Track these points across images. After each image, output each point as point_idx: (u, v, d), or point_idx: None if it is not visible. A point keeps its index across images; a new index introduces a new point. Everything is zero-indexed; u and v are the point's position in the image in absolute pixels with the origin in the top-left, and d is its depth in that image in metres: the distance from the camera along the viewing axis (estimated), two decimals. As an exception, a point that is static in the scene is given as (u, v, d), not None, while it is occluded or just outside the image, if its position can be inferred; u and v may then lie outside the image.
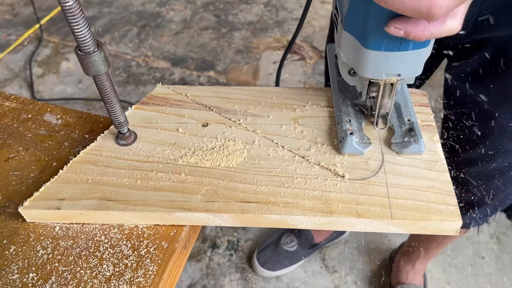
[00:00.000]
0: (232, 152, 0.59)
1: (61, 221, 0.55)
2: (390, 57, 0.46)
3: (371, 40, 0.45)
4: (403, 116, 0.59)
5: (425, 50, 0.46)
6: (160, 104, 0.66)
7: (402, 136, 0.57)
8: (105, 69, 0.51)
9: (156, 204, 0.53)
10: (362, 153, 0.57)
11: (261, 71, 2.22)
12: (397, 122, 0.59)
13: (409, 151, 0.56)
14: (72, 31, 0.46)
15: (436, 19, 0.37)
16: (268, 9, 2.65)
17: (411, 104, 0.61)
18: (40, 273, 0.50)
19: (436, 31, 0.40)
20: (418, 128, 0.57)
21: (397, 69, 0.48)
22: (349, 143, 0.56)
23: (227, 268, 1.55)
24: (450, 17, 0.39)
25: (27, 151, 0.63)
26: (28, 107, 0.69)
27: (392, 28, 0.41)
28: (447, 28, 0.40)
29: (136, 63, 2.30)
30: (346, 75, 0.57)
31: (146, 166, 0.58)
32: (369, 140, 0.58)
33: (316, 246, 1.53)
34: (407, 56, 0.46)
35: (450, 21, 0.40)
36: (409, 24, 0.40)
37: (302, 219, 0.51)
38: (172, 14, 2.65)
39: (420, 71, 0.49)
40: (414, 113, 0.60)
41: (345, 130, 0.57)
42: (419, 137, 0.56)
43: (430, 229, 0.51)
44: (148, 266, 0.51)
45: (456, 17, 0.40)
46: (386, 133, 0.59)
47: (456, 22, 0.40)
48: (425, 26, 0.39)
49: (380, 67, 0.48)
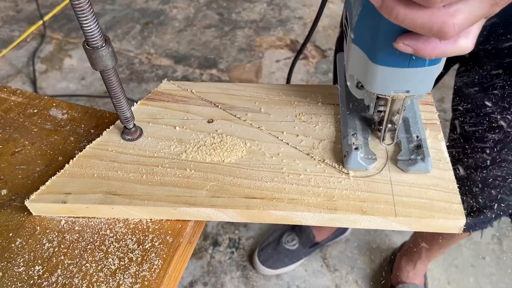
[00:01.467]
0: (237, 149, 0.59)
1: (66, 215, 0.56)
2: (399, 73, 0.45)
3: (380, 55, 0.44)
4: (411, 132, 0.57)
5: (436, 67, 0.45)
6: (166, 100, 0.66)
7: (409, 153, 0.55)
8: (112, 64, 0.51)
9: (161, 199, 0.53)
10: (367, 169, 0.55)
11: (263, 69, 2.22)
12: (405, 138, 0.57)
13: (415, 170, 0.54)
14: (81, 25, 0.46)
15: (448, 38, 0.35)
16: (271, 8, 2.65)
17: (420, 120, 0.59)
18: (46, 266, 0.51)
19: (447, 49, 0.38)
20: (427, 146, 0.55)
21: (406, 85, 0.47)
22: (354, 159, 0.54)
23: (228, 266, 1.55)
24: (463, 35, 0.37)
25: (33, 145, 0.63)
26: (34, 102, 0.70)
27: (401, 44, 0.39)
28: (459, 47, 0.38)
29: (139, 61, 2.31)
30: (354, 88, 0.55)
31: (151, 161, 0.58)
32: (375, 155, 0.56)
33: (317, 245, 1.53)
34: (417, 73, 0.45)
35: (463, 39, 0.38)
36: (419, 41, 0.38)
37: (306, 215, 0.52)
38: (175, 11, 2.65)
39: (430, 88, 0.47)
40: (423, 129, 0.57)
41: (350, 144, 0.56)
42: (427, 156, 0.54)
43: (434, 226, 0.51)
44: (153, 260, 0.51)
45: (469, 36, 0.38)
46: (393, 146, 0.58)
47: (469, 41, 0.38)
48: (436, 44, 0.37)
49: (388, 83, 0.47)
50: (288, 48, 2.34)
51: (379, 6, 0.36)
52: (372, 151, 0.56)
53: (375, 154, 0.56)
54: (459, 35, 0.37)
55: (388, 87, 0.47)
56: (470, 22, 0.35)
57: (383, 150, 0.57)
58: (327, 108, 0.64)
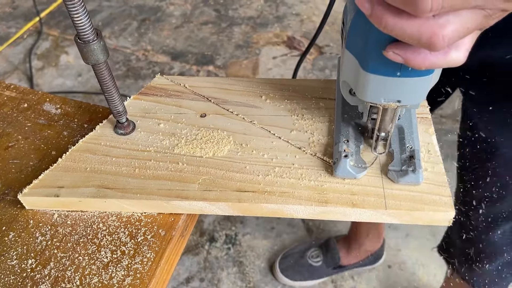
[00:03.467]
0: (229, 142, 0.59)
1: (59, 209, 0.56)
2: (389, 82, 0.44)
3: (371, 63, 0.43)
4: (405, 142, 0.56)
5: (428, 78, 0.43)
6: (159, 94, 0.67)
7: (401, 163, 0.54)
8: (104, 58, 0.51)
9: (153, 193, 0.54)
10: (355, 177, 0.54)
11: (260, 66, 2.22)
12: (398, 147, 0.56)
13: (405, 181, 0.52)
14: (72, 19, 0.46)
15: (438, 50, 0.34)
16: (268, 4, 2.65)
17: (416, 130, 0.57)
18: (39, 259, 0.51)
19: (437, 61, 0.37)
20: (419, 158, 0.53)
21: (397, 95, 0.45)
22: (343, 166, 0.54)
23: (224, 262, 1.56)
24: (455, 47, 0.36)
25: (27, 140, 0.64)
26: (28, 97, 0.70)
27: (391, 53, 0.38)
28: (450, 59, 0.37)
29: (136, 57, 2.31)
30: (347, 94, 0.53)
31: (144, 155, 0.58)
32: (365, 164, 0.55)
33: (342, 268, 1.48)
34: (408, 83, 0.44)
35: (454, 52, 0.36)
36: (409, 51, 0.37)
37: (298, 208, 0.52)
38: (172, 8, 2.65)
39: (422, 99, 0.46)
40: (418, 140, 0.56)
41: (340, 151, 0.55)
42: (418, 167, 0.52)
43: (424, 219, 0.52)
44: (146, 253, 0.51)
45: (461, 48, 0.36)
46: (385, 156, 0.57)
47: (461, 54, 0.37)
48: (426, 54, 0.36)
49: (379, 92, 0.46)
50: (285, 45, 2.34)
51: (369, 15, 0.35)
52: (363, 160, 0.55)
53: (365, 163, 0.55)
54: (450, 47, 0.36)
55: (379, 96, 0.46)
56: (461, 34, 0.34)
57: (375, 159, 0.56)
58: (321, 103, 0.64)
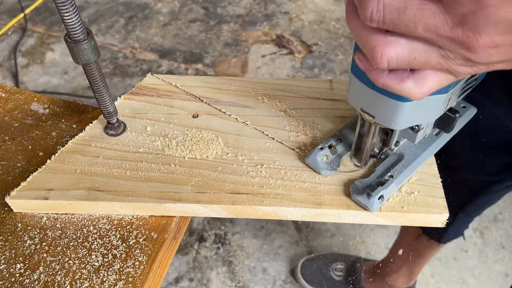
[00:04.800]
0: (222, 144, 0.59)
1: (49, 211, 0.55)
2: (365, 91, 0.43)
3: (353, 65, 0.43)
4: (390, 169, 0.53)
5: (401, 104, 0.42)
6: (150, 94, 0.66)
7: (368, 184, 0.52)
8: (95, 58, 0.50)
9: (146, 195, 0.53)
10: (319, 172, 0.54)
11: (249, 64, 2.21)
12: (381, 171, 0.54)
13: (357, 199, 0.51)
14: (62, 18, 0.45)
15: (377, 65, 0.33)
16: (257, 2, 2.64)
17: (413, 172, 0.54)
18: (27, 264, 0.50)
19: (390, 84, 0.35)
20: (388, 189, 0.50)
21: (371, 109, 0.44)
22: (313, 154, 0.54)
23: (214, 261, 1.55)
24: (414, 80, 0.34)
25: (14, 141, 0.62)
26: (15, 96, 0.68)
27: (357, 57, 0.36)
28: (404, 89, 0.34)
29: (123, 55, 2.28)
30: None
31: (135, 157, 0.57)
32: (337, 168, 0.54)
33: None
34: (381, 100, 0.42)
35: (411, 83, 0.34)
36: (369, 61, 0.35)
37: (292, 210, 0.52)
38: (160, 5, 2.62)
39: (396, 125, 0.44)
40: (406, 177, 0.53)
41: (323, 143, 0.55)
42: (375, 195, 0.49)
43: (418, 221, 0.52)
44: (138, 256, 0.50)
45: (421, 84, 0.34)
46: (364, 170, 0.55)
47: (418, 90, 0.34)
48: (382, 71, 0.35)
49: (358, 98, 0.45)
50: (274, 43, 2.33)
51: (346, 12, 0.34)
52: (339, 163, 0.55)
53: (338, 167, 0.54)
54: (409, 76, 0.34)
55: (357, 103, 0.46)
56: (406, 62, 0.32)
57: (351, 167, 0.56)
58: (314, 103, 0.64)
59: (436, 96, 0.43)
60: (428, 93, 0.35)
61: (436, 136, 0.57)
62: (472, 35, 0.28)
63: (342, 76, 2.14)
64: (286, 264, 1.53)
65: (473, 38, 0.28)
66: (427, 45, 0.31)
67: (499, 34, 0.28)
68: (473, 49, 0.29)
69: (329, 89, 0.66)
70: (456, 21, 0.28)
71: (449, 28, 0.29)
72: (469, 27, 0.28)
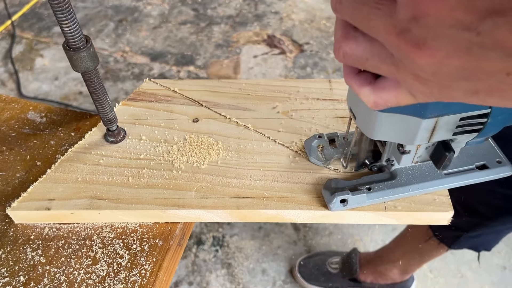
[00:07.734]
0: (224, 147, 0.58)
1: (51, 222, 0.54)
2: (351, 89, 0.43)
3: None
4: (372, 184, 0.52)
5: (375, 114, 0.41)
6: (148, 100, 0.65)
7: (344, 186, 0.52)
8: (94, 65, 0.49)
9: (149, 202, 0.52)
10: (309, 156, 0.56)
11: (242, 65, 2.21)
12: (365, 181, 0.53)
13: (322, 194, 0.52)
14: (60, 26, 0.44)
15: (336, 58, 0.31)
16: (247, 3, 2.64)
17: (396, 196, 0.52)
18: (31, 275, 0.49)
19: (354, 85, 0.34)
20: (355, 198, 0.50)
21: (355, 109, 0.44)
22: (310, 139, 0.57)
23: (213, 264, 1.54)
24: (372, 87, 0.32)
25: (12, 151, 0.61)
26: (10, 105, 0.67)
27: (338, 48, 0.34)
28: (362, 93, 0.33)
29: (114, 59, 2.26)
30: None
31: (137, 163, 0.56)
32: (327, 162, 0.55)
33: (358, 283, 1.44)
34: (362, 103, 0.42)
35: (368, 89, 0.33)
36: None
37: (298, 213, 0.51)
38: (149, 8, 2.60)
39: (370, 134, 0.43)
40: (382, 197, 0.51)
41: (317, 134, 0.57)
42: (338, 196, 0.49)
43: (424, 219, 0.52)
44: (143, 264, 0.50)
45: (378, 94, 0.32)
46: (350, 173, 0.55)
47: (373, 99, 0.32)
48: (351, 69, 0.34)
49: (350, 96, 0.45)
50: (265, 43, 2.33)
51: None
52: (331, 159, 0.56)
53: (329, 161, 0.55)
54: (370, 83, 0.32)
55: (349, 101, 0.46)
56: (358, 60, 0.30)
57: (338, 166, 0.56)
58: (314, 104, 0.64)
59: (412, 118, 0.40)
60: (383, 106, 0.33)
61: (445, 175, 0.53)
62: (414, 44, 0.25)
63: (334, 74, 2.14)
64: (285, 264, 1.53)
65: (415, 47, 0.25)
66: (383, 49, 0.28)
67: (442, 49, 0.24)
68: (416, 60, 0.26)
69: (329, 89, 0.66)
70: (401, 27, 0.25)
71: (396, 34, 0.25)
72: (412, 34, 0.25)
